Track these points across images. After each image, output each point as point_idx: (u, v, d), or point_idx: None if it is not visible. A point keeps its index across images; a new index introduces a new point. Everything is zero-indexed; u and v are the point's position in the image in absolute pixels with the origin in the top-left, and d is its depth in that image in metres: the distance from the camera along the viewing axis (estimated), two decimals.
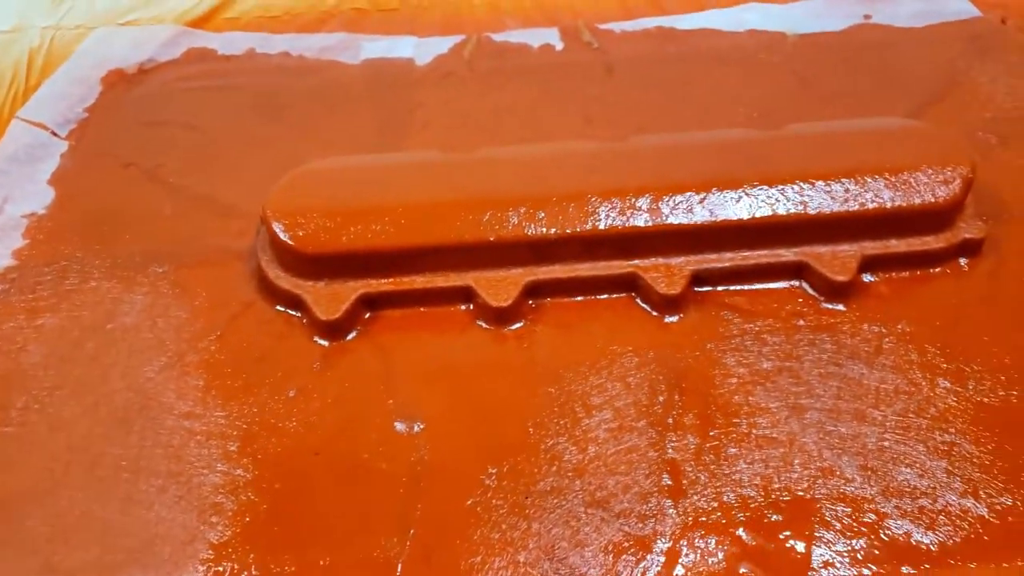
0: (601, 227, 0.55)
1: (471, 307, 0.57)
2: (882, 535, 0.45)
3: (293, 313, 0.57)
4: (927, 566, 0.44)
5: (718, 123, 0.70)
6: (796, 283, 0.57)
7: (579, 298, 0.57)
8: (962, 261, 0.58)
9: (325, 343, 0.55)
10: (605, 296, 0.57)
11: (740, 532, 0.45)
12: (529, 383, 0.53)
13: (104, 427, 0.51)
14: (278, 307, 0.57)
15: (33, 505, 0.48)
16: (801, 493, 0.47)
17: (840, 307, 0.56)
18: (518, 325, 0.56)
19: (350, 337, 0.55)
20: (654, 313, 0.56)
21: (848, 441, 0.49)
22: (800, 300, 0.56)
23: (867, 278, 0.57)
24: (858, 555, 0.44)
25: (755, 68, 0.76)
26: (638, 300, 0.57)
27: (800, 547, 0.45)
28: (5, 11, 0.81)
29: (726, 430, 0.50)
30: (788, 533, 0.45)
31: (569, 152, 0.60)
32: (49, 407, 0.52)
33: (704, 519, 0.46)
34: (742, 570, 0.44)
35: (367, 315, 0.56)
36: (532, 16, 0.81)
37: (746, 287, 0.57)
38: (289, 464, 0.49)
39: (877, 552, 0.44)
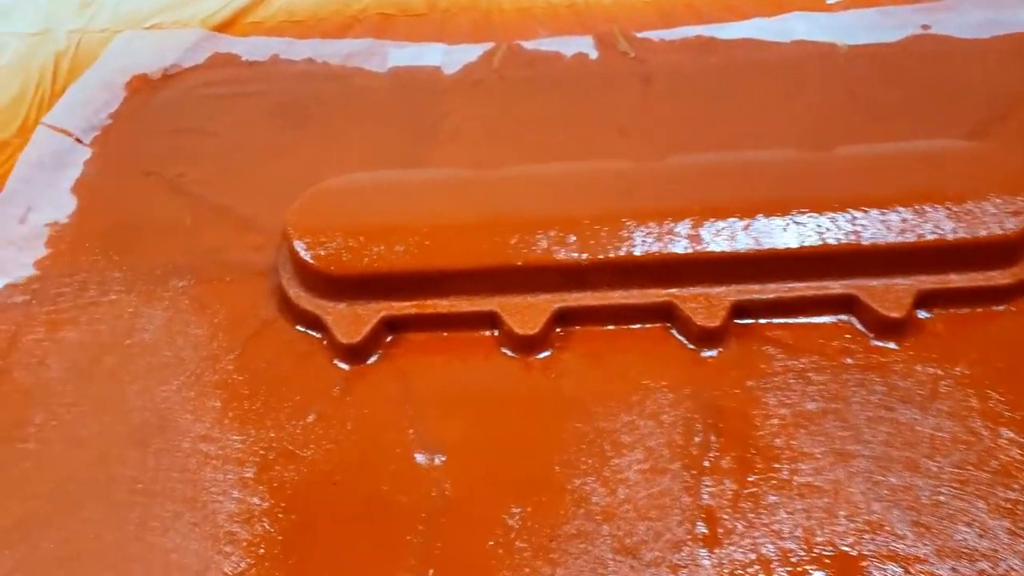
0: (637, 253, 0.52)
1: (496, 333, 0.54)
2: None
3: (313, 333, 0.55)
4: None
5: (763, 141, 0.66)
6: (844, 318, 0.53)
7: (610, 327, 0.54)
8: None
9: (346, 366, 0.53)
10: (638, 326, 0.54)
11: None
12: (556, 417, 0.50)
13: (120, 448, 0.50)
14: (298, 327, 0.55)
15: (48, 527, 0.47)
16: (846, 548, 0.43)
17: (892, 345, 0.52)
18: (545, 354, 0.53)
19: (371, 361, 0.53)
20: (690, 346, 0.53)
21: (899, 493, 0.45)
22: (848, 336, 0.53)
23: (922, 315, 0.53)
24: None
25: (803, 82, 0.72)
26: (673, 331, 0.54)
27: None
28: (33, 14, 0.81)
29: (766, 475, 0.47)
30: None
31: (603, 171, 0.57)
32: (67, 424, 0.51)
33: (740, 572, 0.43)
34: None
35: (388, 338, 0.55)
36: (566, 23, 0.78)
37: (790, 320, 0.53)
38: (306, 493, 0.47)
39: None
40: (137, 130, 0.71)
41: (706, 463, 0.47)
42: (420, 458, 0.49)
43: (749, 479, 0.47)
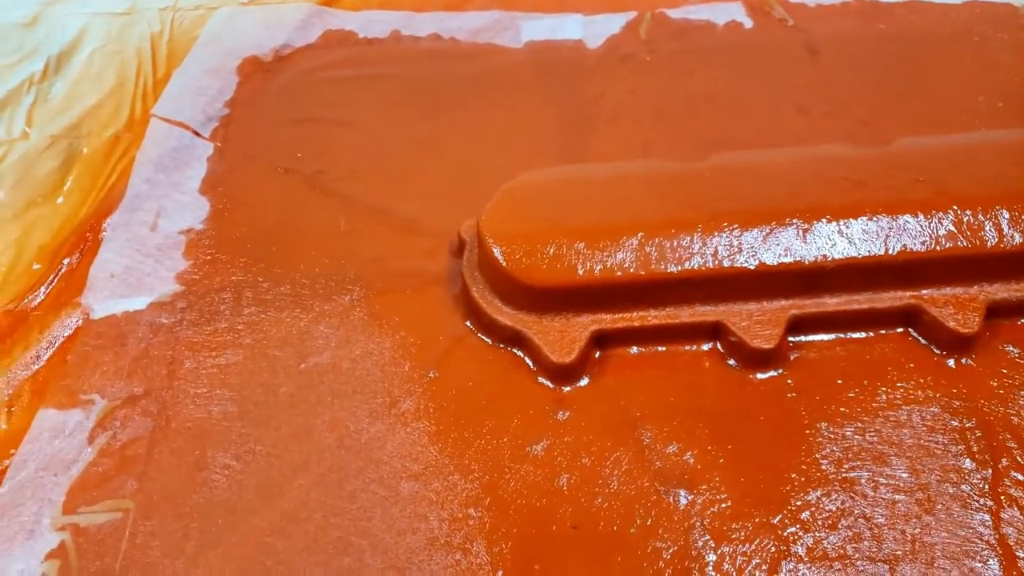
0: (886, 252, 0.47)
1: (717, 346, 0.49)
2: None
3: (514, 351, 0.49)
4: None
5: (959, 116, 0.60)
6: None
7: (847, 335, 0.49)
8: None
9: (554, 387, 0.48)
10: (875, 333, 0.49)
11: None
12: (804, 441, 0.45)
13: (320, 492, 0.44)
14: (496, 343, 0.49)
15: None
16: None
17: None
18: (776, 372, 0.48)
19: (583, 382, 0.48)
20: (937, 352, 0.48)
21: None
22: None
23: None
24: None
25: (985, 49, 0.65)
26: (917, 337, 0.49)
27: None
28: None
29: None
30: None
31: (824, 159, 0.51)
32: (252, 466, 0.45)
33: None
34: None
35: (596, 354, 0.49)
36: None
37: None
38: (544, 539, 0.42)
39: None
40: (259, 120, 0.63)
41: (987, 488, 0.43)
42: (664, 493, 0.44)
43: None
